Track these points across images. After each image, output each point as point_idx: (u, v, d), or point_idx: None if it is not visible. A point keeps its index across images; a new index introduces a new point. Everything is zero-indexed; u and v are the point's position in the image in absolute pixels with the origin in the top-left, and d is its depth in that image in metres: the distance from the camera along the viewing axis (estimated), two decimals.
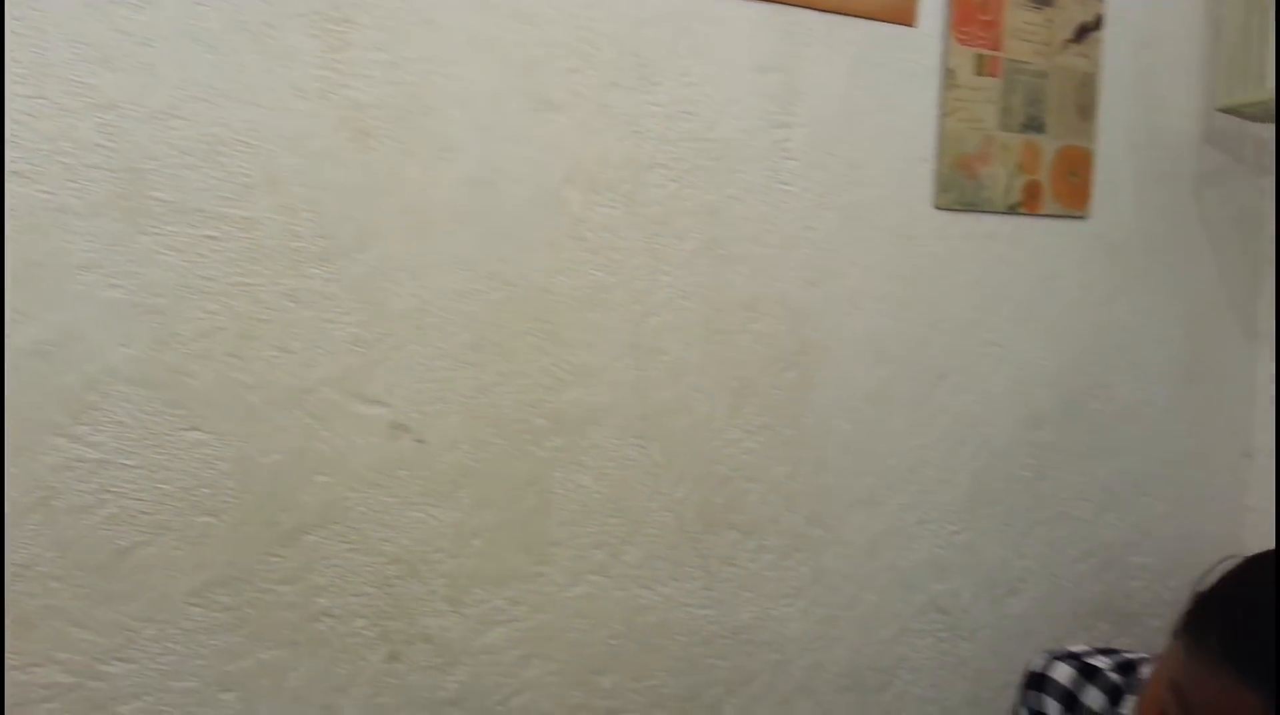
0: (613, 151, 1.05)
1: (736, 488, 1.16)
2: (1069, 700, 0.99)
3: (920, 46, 1.25)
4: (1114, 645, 1.05)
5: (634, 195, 1.06)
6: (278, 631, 0.91)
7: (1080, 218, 1.44)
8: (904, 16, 1.24)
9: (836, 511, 1.25)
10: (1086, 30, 1.39)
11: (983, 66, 1.30)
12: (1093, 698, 0.99)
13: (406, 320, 0.93)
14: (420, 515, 0.95)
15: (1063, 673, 0.99)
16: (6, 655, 0.81)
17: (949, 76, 1.27)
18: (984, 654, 1.40)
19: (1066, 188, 1.41)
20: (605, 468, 1.06)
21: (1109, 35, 1.41)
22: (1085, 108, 1.40)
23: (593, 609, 1.06)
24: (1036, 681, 1.07)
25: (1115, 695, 0.97)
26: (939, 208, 1.29)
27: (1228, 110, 1.52)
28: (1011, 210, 1.36)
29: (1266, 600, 0.75)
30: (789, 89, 1.17)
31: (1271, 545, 1.32)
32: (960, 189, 1.30)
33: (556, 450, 1.02)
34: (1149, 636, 1.50)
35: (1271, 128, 1.65)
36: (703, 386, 1.12)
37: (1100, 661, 1.00)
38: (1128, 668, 0.97)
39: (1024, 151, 1.35)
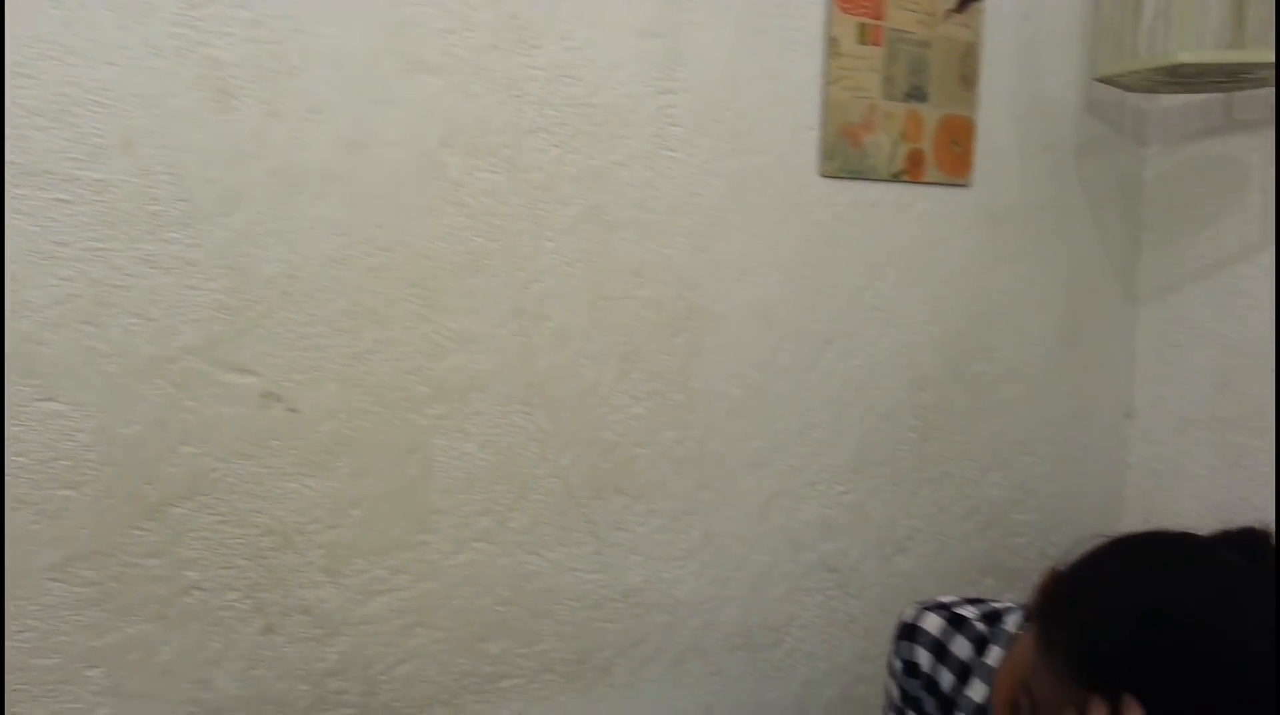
0: (492, 115, 1.04)
1: (625, 453, 1.17)
2: (938, 649, 1.02)
3: (803, 14, 1.26)
4: (989, 597, 1.08)
5: (515, 160, 1.05)
6: (145, 606, 0.89)
7: (963, 186, 1.47)
8: None
9: (726, 475, 1.26)
10: (968, 0, 1.41)
11: (866, 35, 1.31)
12: (960, 646, 1.02)
13: (275, 286, 0.91)
14: (295, 486, 0.94)
15: (932, 623, 1.02)
16: None
17: (832, 45, 1.28)
18: (873, 611, 1.44)
19: (949, 156, 1.44)
20: (490, 435, 1.05)
21: (990, 6, 1.44)
22: (967, 77, 1.43)
23: (479, 576, 1.06)
24: (908, 632, 1.10)
25: (981, 644, 1.00)
26: (825, 175, 1.31)
27: (1105, 80, 1.57)
28: (895, 178, 1.38)
29: (1119, 604, 0.73)
30: (672, 55, 1.16)
31: (1150, 501, 1.35)
32: (845, 157, 1.32)
33: (439, 418, 1.01)
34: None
35: (1149, 97, 1.71)
36: (589, 352, 1.12)
37: (968, 611, 1.03)
38: (994, 617, 1.01)
39: (907, 120, 1.37)
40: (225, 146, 0.90)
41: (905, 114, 1.37)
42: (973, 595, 1.05)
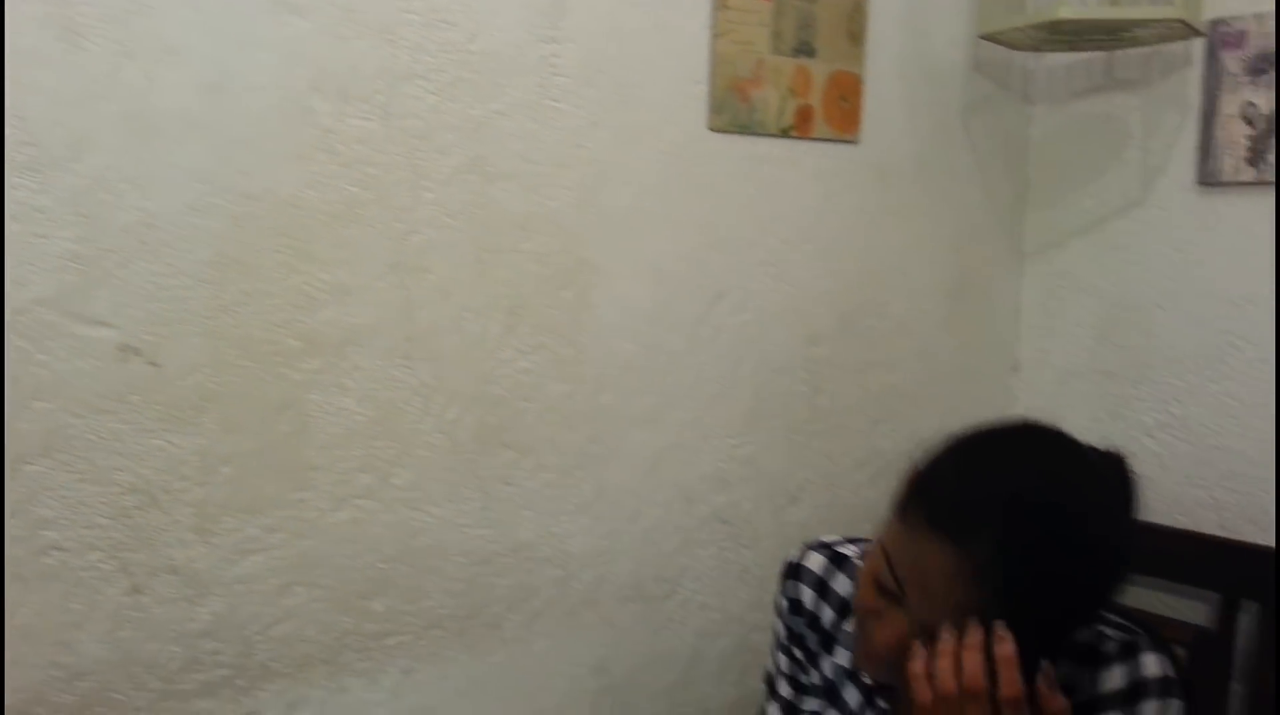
0: (364, 60, 1.01)
1: (512, 408, 1.16)
2: (821, 587, 1.04)
3: None
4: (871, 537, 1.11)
5: (390, 107, 1.03)
6: None
7: (851, 143, 1.48)
8: None
9: (618, 429, 1.27)
10: None
11: None
12: (841, 583, 1.04)
13: (131, 235, 0.87)
14: (159, 442, 0.90)
15: (815, 561, 1.04)
16: None
17: None
18: (766, 561, 1.46)
19: (838, 112, 1.45)
20: (369, 390, 1.03)
21: None
22: (855, 33, 1.44)
23: (360, 534, 1.04)
24: (793, 571, 1.12)
25: None
26: (713, 130, 1.31)
27: (990, 38, 1.60)
28: (784, 134, 1.39)
29: (964, 467, 0.83)
30: (556, 3, 1.15)
31: None
32: (734, 111, 1.32)
33: (313, 372, 0.99)
34: None
35: (1034, 57, 1.75)
36: (473, 306, 1.10)
37: (849, 550, 1.06)
38: None
39: (795, 75, 1.38)
40: (74, 88, 0.85)
41: (794, 69, 1.37)
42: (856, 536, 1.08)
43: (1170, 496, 1.68)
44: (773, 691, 1.16)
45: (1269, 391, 1.56)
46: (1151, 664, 0.86)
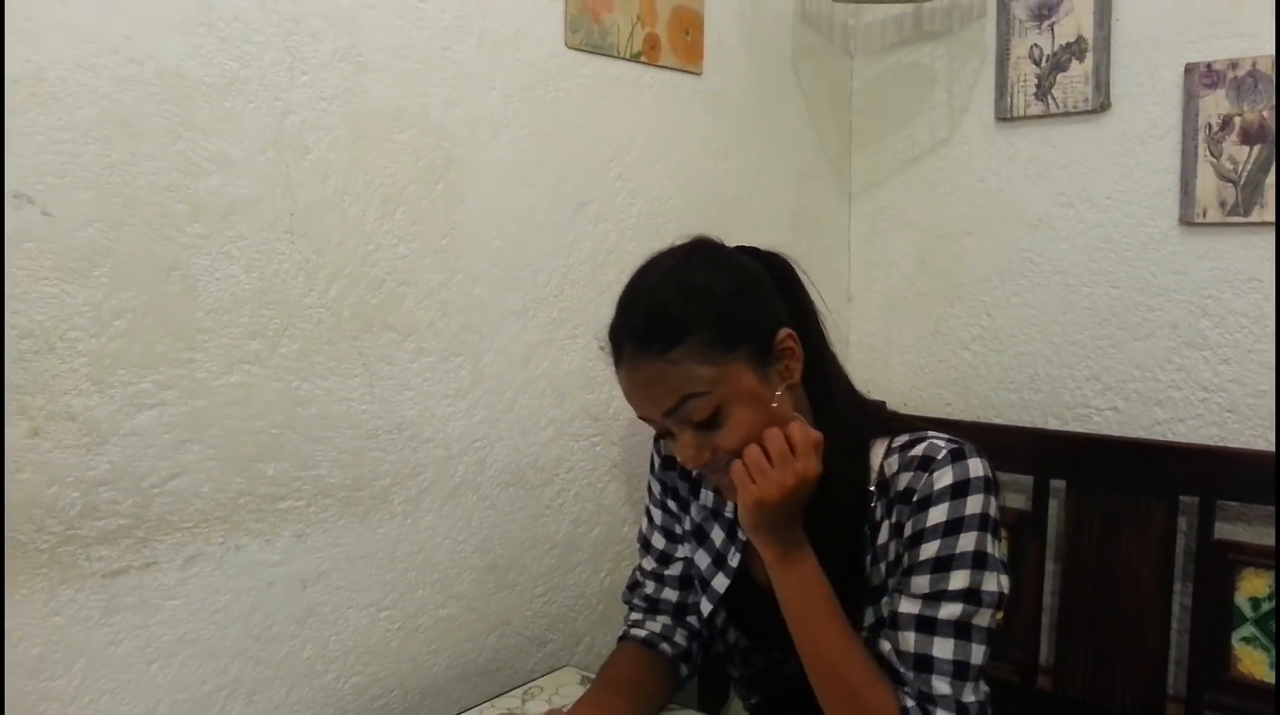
0: None
1: (391, 291, 1.23)
2: None
3: None
4: None
5: None
6: None
7: (695, 74, 1.63)
8: None
9: (491, 321, 1.35)
10: None
11: None
12: None
13: (21, 87, 0.91)
14: (54, 291, 0.94)
15: None
16: None
17: None
18: (633, 458, 1.57)
19: (682, 45, 1.60)
20: (254, 260, 1.09)
21: None
22: None
23: (250, 398, 1.09)
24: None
25: None
26: (570, 47, 1.42)
27: None
28: (635, 59, 1.52)
29: (637, 297, 1.04)
30: None
31: (868, 372, 1.57)
32: (588, 31, 1.44)
33: (199, 237, 1.04)
34: None
35: (854, 11, 1.94)
36: (351, 189, 1.17)
37: None
38: None
39: (643, 5, 1.51)
40: None
41: None
42: None
43: (986, 400, 1.89)
44: (646, 547, 1.27)
45: (1063, 301, 1.78)
46: (976, 466, 1.02)
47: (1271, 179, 1.53)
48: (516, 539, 1.41)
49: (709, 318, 0.98)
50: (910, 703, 0.97)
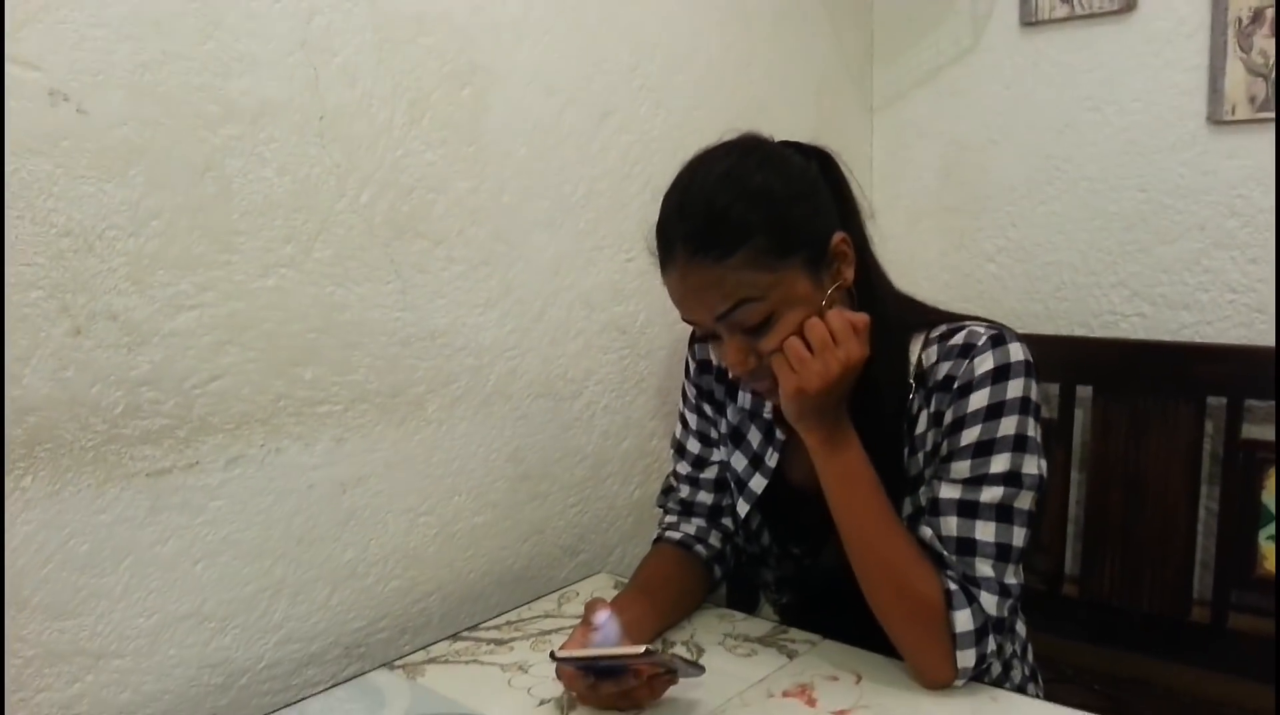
0: None
1: (421, 198, 1.22)
2: None
3: None
4: None
5: None
6: None
7: None
8: None
9: (520, 230, 1.35)
10: None
11: None
12: None
13: None
14: (91, 189, 0.94)
15: None
16: None
17: None
18: (661, 372, 1.57)
19: None
20: (286, 163, 1.08)
21: None
22: None
23: (286, 302, 1.10)
24: (697, 336, 1.25)
25: None
26: None
27: None
28: None
29: (690, 199, 1.01)
30: None
31: None
32: None
33: (232, 138, 1.04)
34: None
35: None
36: (379, 94, 1.16)
37: None
38: None
39: None
40: None
41: None
42: None
43: (1011, 312, 1.88)
44: (680, 452, 1.28)
45: (1090, 207, 1.77)
46: (1016, 351, 1.01)
47: None
48: (548, 449, 1.42)
49: (768, 223, 0.96)
50: (954, 585, 0.98)
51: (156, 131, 0.98)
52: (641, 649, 0.90)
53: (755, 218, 0.96)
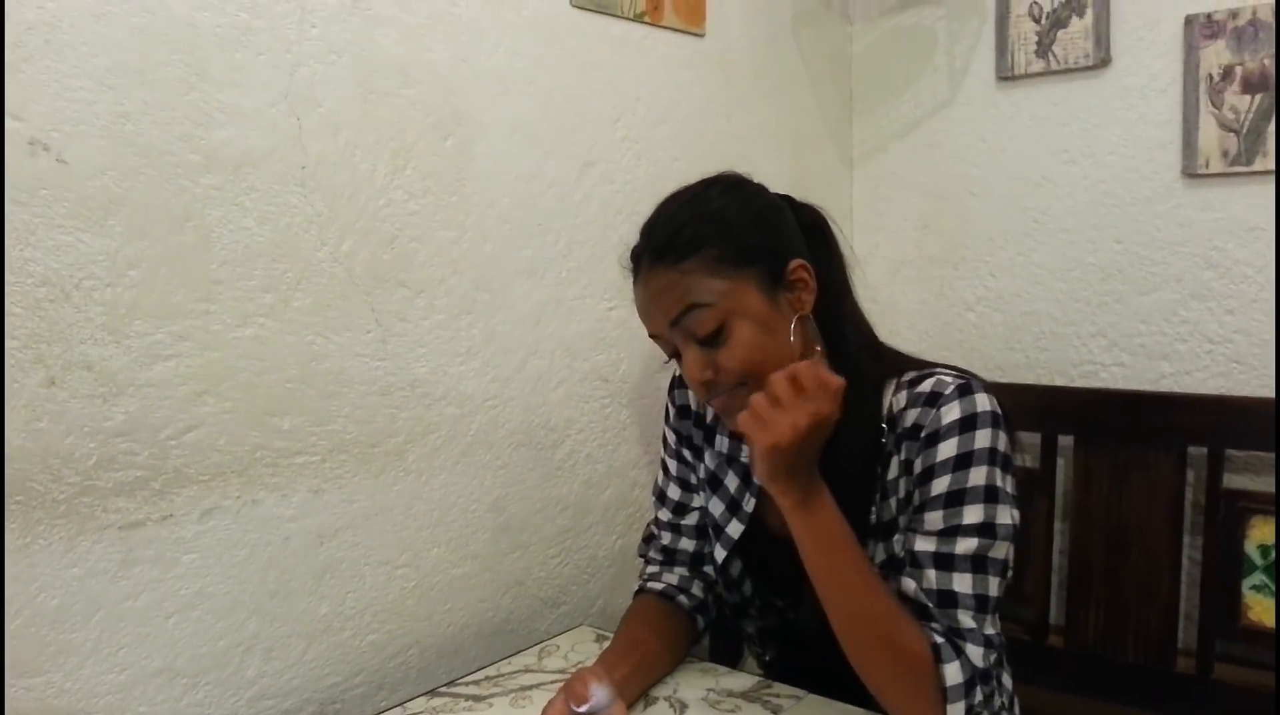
0: None
1: (403, 247, 1.22)
2: None
3: None
4: None
5: None
6: None
7: (698, 35, 1.63)
8: None
9: (502, 279, 1.35)
10: None
11: None
12: None
13: (36, 34, 0.90)
14: (69, 239, 0.93)
15: None
16: None
17: None
18: (643, 420, 1.57)
19: (685, 6, 1.59)
20: (266, 212, 1.08)
21: None
22: None
23: (264, 351, 1.09)
24: (678, 381, 1.25)
25: None
26: (575, 6, 1.42)
27: None
28: (639, 19, 1.52)
29: (660, 215, 1.10)
30: None
31: None
32: None
33: (212, 188, 1.03)
34: None
35: None
36: (362, 144, 1.17)
37: None
38: None
39: None
40: None
41: None
42: None
43: (991, 361, 1.89)
44: (661, 499, 1.27)
45: (1068, 258, 1.79)
46: (983, 401, 1.02)
47: (1273, 127, 1.54)
48: (529, 500, 1.40)
49: (722, 235, 1.03)
50: (939, 638, 0.97)
51: (137, 181, 0.98)
52: None
53: (709, 231, 1.03)
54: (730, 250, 1.02)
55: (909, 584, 1.01)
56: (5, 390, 0.90)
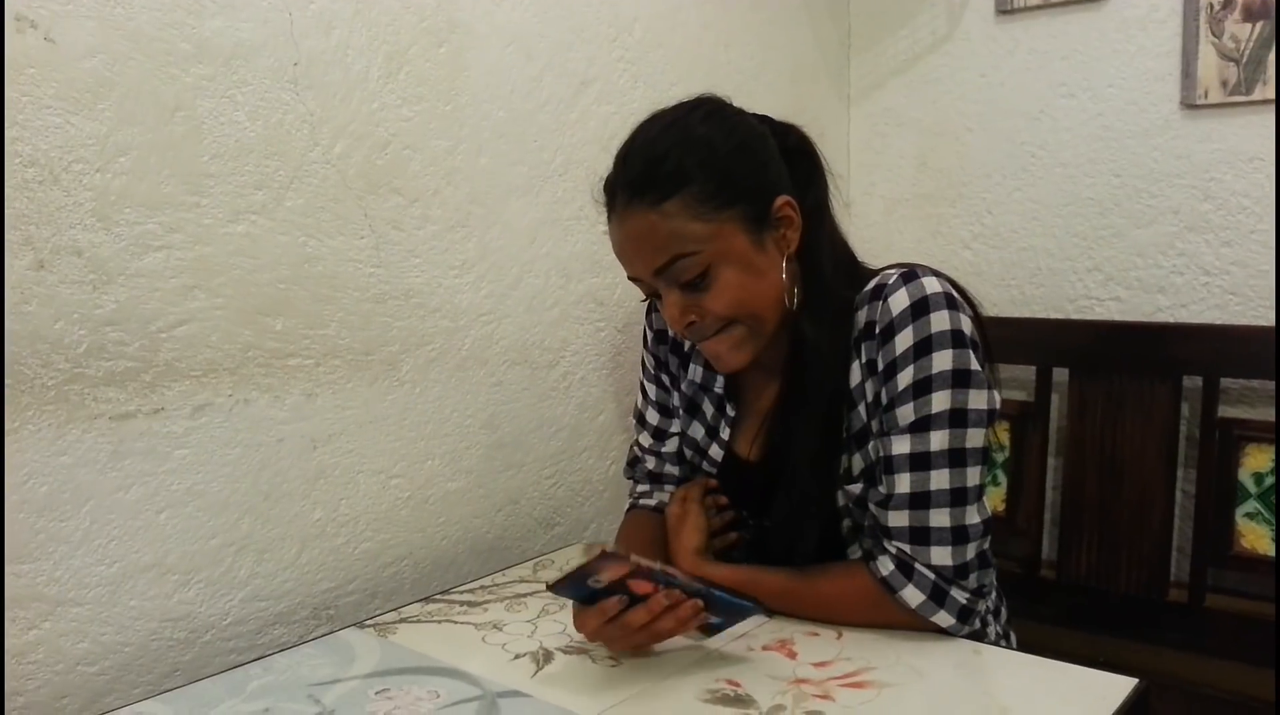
0: None
1: (396, 153, 1.21)
2: None
3: None
4: None
5: None
6: None
7: None
8: None
9: (496, 194, 1.33)
10: None
11: None
12: None
13: None
14: (58, 120, 0.91)
15: None
16: None
17: None
18: (638, 347, 1.54)
19: None
20: (258, 108, 1.07)
21: None
22: None
23: (256, 248, 1.07)
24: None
25: None
26: None
27: None
28: None
29: (637, 146, 1.02)
30: None
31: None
32: None
33: (203, 79, 1.02)
34: None
35: None
36: (354, 44, 1.15)
37: None
38: None
39: None
40: None
41: None
42: None
43: (986, 298, 1.88)
44: (641, 422, 1.27)
45: (1065, 193, 1.78)
46: (932, 283, 0.98)
47: (1274, 55, 1.53)
48: (523, 418, 1.40)
49: (705, 170, 0.96)
50: (885, 571, 0.98)
51: (127, 66, 0.96)
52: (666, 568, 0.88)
53: (692, 163, 0.96)
54: (713, 186, 0.95)
55: (875, 506, 1.01)
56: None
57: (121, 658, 1.00)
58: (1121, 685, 0.90)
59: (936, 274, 1.00)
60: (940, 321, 0.96)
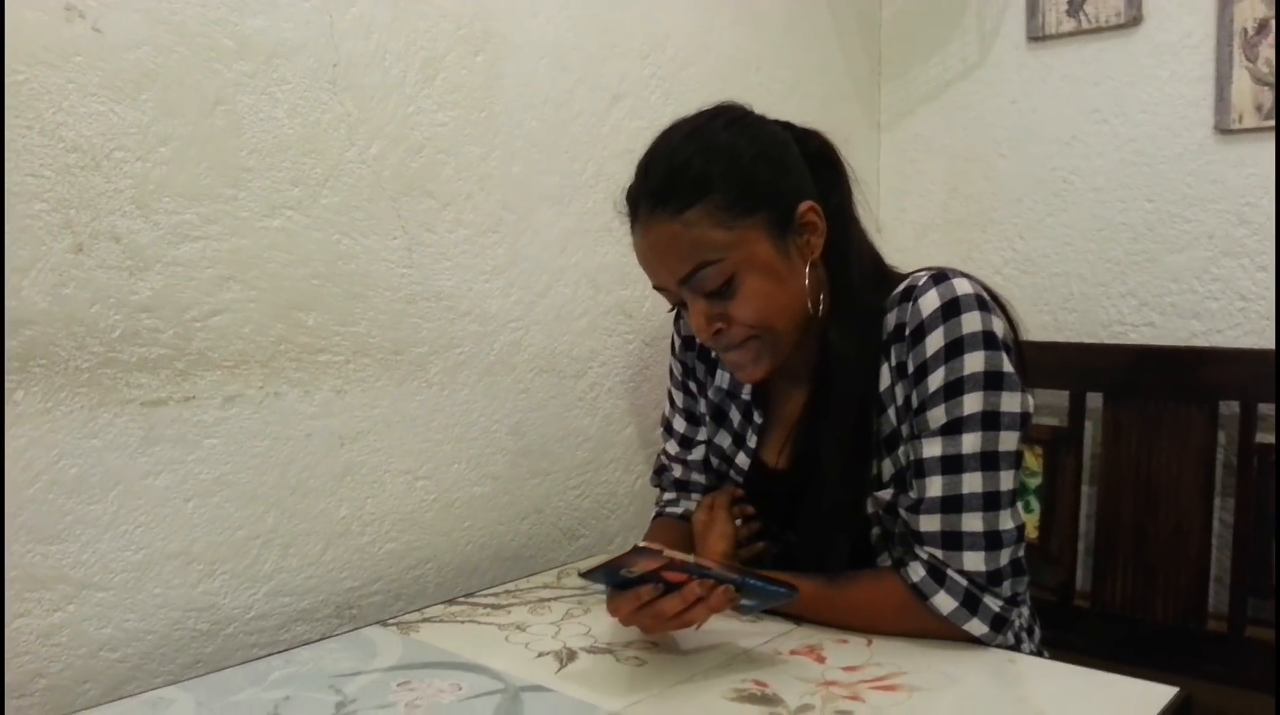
0: None
1: (431, 157, 1.22)
2: None
3: None
4: None
5: None
6: None
7: None
8: None
9: (528, 202, 1.34)
10: None
11: None
12: None
13: None
14: (102, 108, 0.93)
15: None
16: None
17: None
18: (666, 361, 1.54)
19: None
20: (297, 105, 1.08)
21: None
22: None
23: (291, 243, 1.09)
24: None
25: None
26: None
27: None
28: None
29: (658, 156, 1.01)
30: None
31: None
32: None
33: (245, 75, 1.04)
34: None
35: None
36: (393, 49, 1.17)
37: None
38: None
39: None
40: None
41: None
42: None
43: (1018, 323, 1.86)
44: (669, 430, 1.26)
45: (1098, 218, 1.77)
46: (963, 285, 0.97)
47: None
48: (549, 427, 1.39)
49: (728, 177, 0.96)
50: (916, 577, 0.96)
51: (170, 58, 0.98)
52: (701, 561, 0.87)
53: (715, 171, 0.96)
54: (735, 193, 0.95)
55: (906, 511, 0.99)
56: (32, 251, 0.90)
57: (144, 645, 0.99)
58: (1161, 694, 0.87)
59: (967, 276, 0.99)
60: (972, 322, 0.95)
